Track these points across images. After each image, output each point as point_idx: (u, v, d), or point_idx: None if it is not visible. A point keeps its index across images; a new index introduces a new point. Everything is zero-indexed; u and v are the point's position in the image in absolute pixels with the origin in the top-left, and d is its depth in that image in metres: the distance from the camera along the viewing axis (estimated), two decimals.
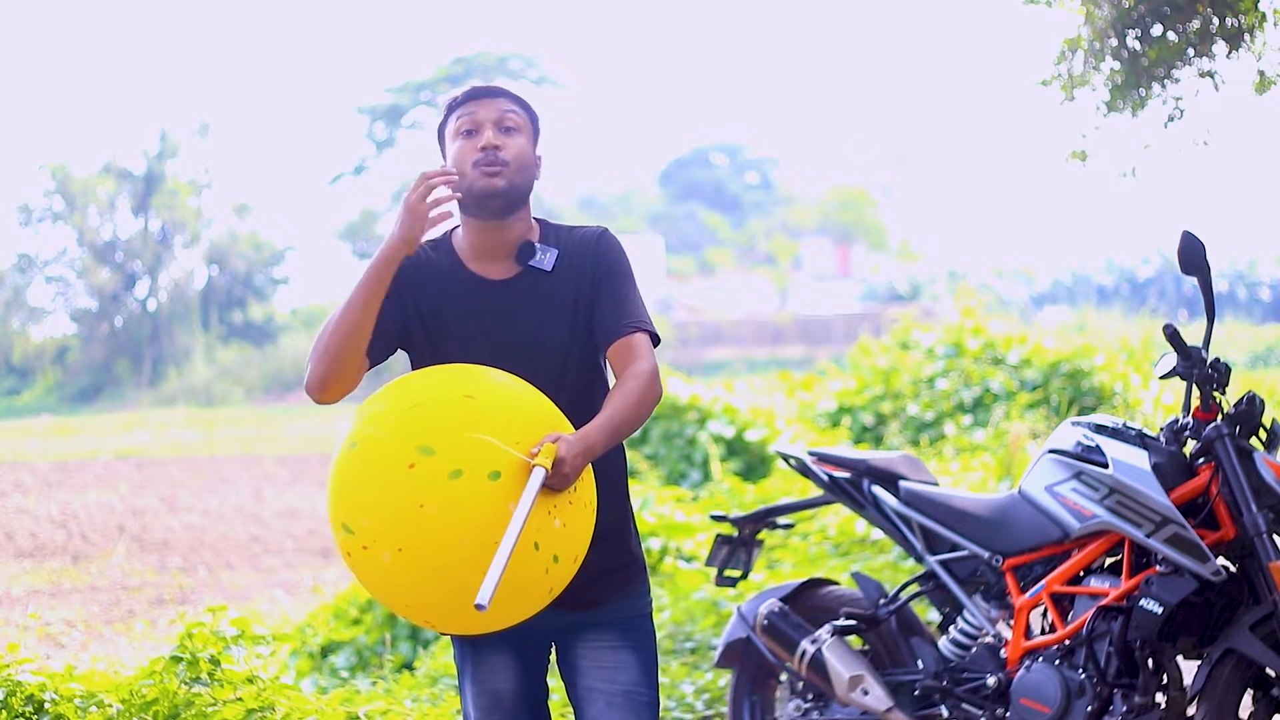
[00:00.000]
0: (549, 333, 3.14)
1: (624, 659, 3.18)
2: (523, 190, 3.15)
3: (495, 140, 3.12)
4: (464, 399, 2.88)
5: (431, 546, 2.78)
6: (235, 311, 47.36)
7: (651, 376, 3.06)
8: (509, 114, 3.16)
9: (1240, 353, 26.03)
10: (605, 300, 3.15)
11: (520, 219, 3.18)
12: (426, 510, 2.77)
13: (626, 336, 3.12)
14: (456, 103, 3.20)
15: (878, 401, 12.82)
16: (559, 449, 2.83)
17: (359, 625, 7.90)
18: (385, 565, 2.82)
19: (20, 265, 46.18)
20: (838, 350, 30.43)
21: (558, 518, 2.86)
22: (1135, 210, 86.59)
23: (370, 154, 48.56)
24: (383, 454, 2.83)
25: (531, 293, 3.16)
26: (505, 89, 3.22)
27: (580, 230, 3.23)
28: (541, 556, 2.84)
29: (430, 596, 2.85)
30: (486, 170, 3.10)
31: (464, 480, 2.78)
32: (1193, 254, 4.07)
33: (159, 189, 45.80)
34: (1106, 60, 6.61)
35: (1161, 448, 4.10)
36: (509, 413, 2.89)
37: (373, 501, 2.82)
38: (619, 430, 2.98)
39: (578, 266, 3.17)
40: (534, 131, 3.22)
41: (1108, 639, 4.09)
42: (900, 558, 7.24)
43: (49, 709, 4.40)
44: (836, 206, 52.08)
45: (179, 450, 24.30)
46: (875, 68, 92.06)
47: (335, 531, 2.90)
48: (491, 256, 3.18)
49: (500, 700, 3.21)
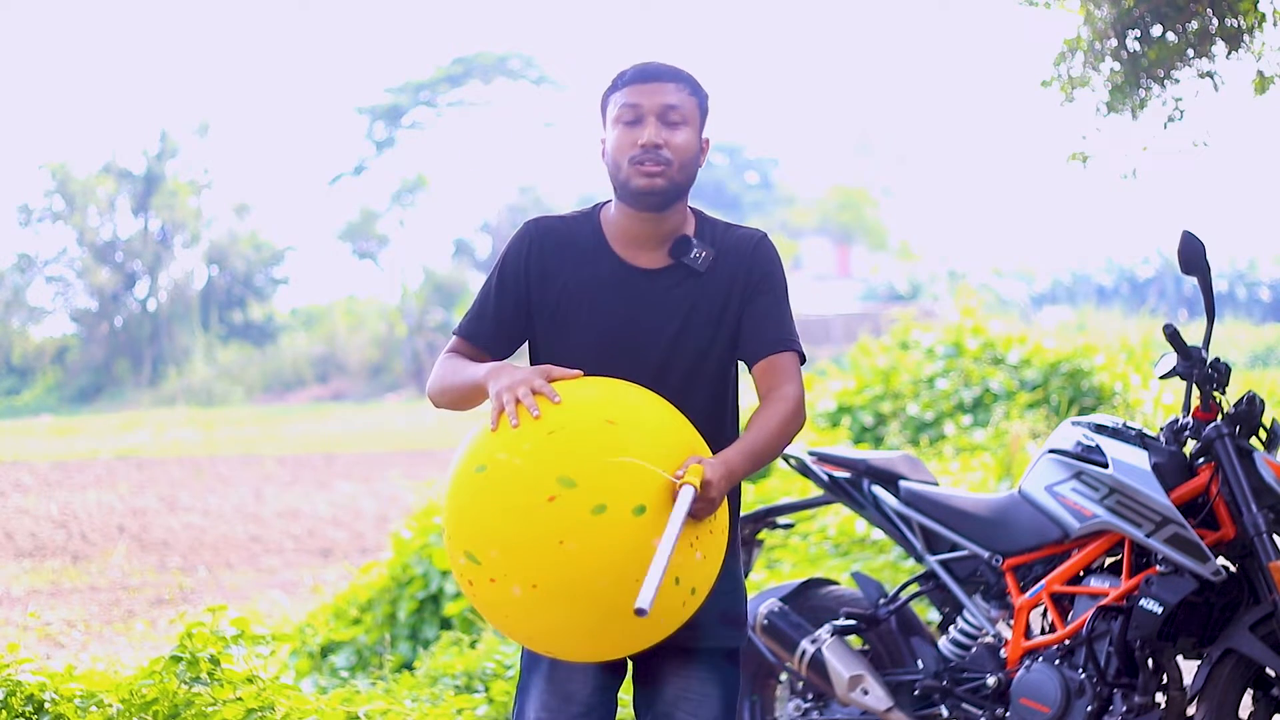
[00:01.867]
0: (691, 333, 2.99)
1: (710, 693, 3.06)
2: (683, 187, 3.00)
3: (657, 137, 2.96)
4: (605, 424, 2.71)
5: (569, 584, 2.64)
6: (235, 311, 47.38)
7: (798, 401, 2.94)
8: (674, 107, 2.98)
9: (1240, 353, 26.04)
10: (757, 312, 3.00)
11: (677, 211, 3.03)
12: (566, 547, 2.63)
13: (776, 355, 2.98)
14: (622, 81, 3.02)
15: (878, 401, 12.81)
16: (705, 471, 2.72)
17: (359, 625, 7.90)
18: (513, 599, 2.68)
19: (20, 265, 46.21)
20: (838, 350, 30.42)
21: (699, 550, 2.74)
22: (1135, 210, 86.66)
23: (370, 154, 48.57)
24: (519, 483, 2.66)
25: (680, 289, 3.01)
26: (676, 70, 3.03)
27: (739, 231, 3.08)
28: (681, 590, 2.73)
29: (559, 630, 2.73)
30: (645, 170, 2.95)
31: (607, 515, 2.63)
32: (1193, 254, 4.07)
33: (159, 189, 45.82)
34: (1106, 61, 6.60)
35: (1161, 448, 4.10)
36: (651, 438, 2.73)
37: (505, 534, 2.66)
38: (760, 456, 2.87)
39: (732, 270, 3.02)
40: (702, 117, 3.04)
41: (1108, 639, 4.09)
42: (900, 558, 7.24)
43: (49, 709, 4.40)
44: (836, 206, 52.10)
45: (179, 450, 24.31)
46: (875, 68, 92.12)
47: (454, 558, 2.75)
48: (642, 245, 3.03)
49: (571, 701, 3.04)
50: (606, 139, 3.03)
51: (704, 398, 3.01)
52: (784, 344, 3.00)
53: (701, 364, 3.01)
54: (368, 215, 46.70)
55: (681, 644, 3.00)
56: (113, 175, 46.05)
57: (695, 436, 2.84)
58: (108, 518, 15.75)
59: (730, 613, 3.07)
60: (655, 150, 2.96)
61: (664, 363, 2.98)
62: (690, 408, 2.94)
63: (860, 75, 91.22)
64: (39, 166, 46.37)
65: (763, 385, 2.99)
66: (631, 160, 2.97)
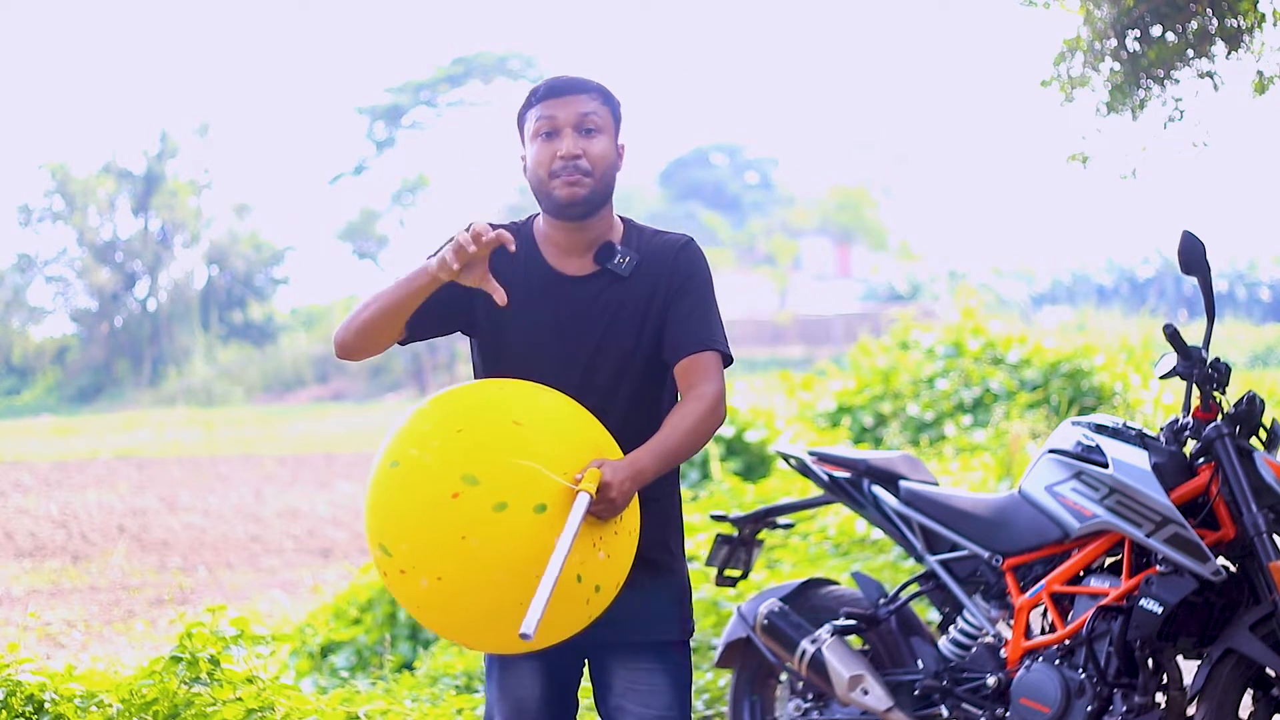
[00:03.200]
0: (616, 336, 3.06)
1: (659, 683, 3.13)
2: (604, 194, 3.07)
3: (575, 147, 3.02)
4: (511, 425, 2.79)
5: (472, 578, 2.73)
6: (235, 311, 47.38)
7: (714, 400, 2.98)
8: (589, 115, 3.05)
9: (1240, 353, 26.04)
10: (680, 314, 3.06)
11: (602, 218, 3.10)
12: (469, 542, 2.71)
13: (696, 354, 3.03)
14: (536, 97, 3.08)
15: (878, 401, 12.82)
16: (604, 474, 2.77)
17: (359, 625, 7.90)
18: (421, 590, 2.77)
19: (20, 265, 46.21)
20: (838, 350, 30.45)
21: (602, 550, 2.80)
22: (1135, 210, 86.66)
23: (370, 154, 48.56)
24: (426, 479, 2.75)
25: (605, 294, 3.08)
26: (586, 81, 3.09)
27: (664, 236, 3.14)
28: (584, 588, 2.79)
29: (467, 623, 2.81)
30: (566, 180, 3.02)
31: (508, 513, 2.71)
32: (1193, 254, 4.07)
33: (159, 189, 45.82)
34: (1106, 61, 6.61)
35: (1161, 448, 4.10)
36: (556, 439, 2.80)
37: (413, 527, 2.75)
38: (672, 455, 2.91)
39: (656, 274, 3.08)
40: (615, 124, 3.11)
41: (1108, 639, 4.09)
42: (900, 558, 7.24)
43: (49, 709, 4.40)
44: (836, 206, 52.06)
45: (179, 450, 24.31)
46: (875, 68, 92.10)
47: (372, 549, 2.85)
48: (569, 253, 3.11)
49: (523, 708, 3.16)
50: (526, 155, 3.11)
51: (631, 399, 3.07)
52: (704, 344, 3.05)
53: (627, 366, 3.07)
54: (368, 215, 46.69)
55: (627, 638, 3.10)
56: (113, 175, 46.05)
57: (604, 438, 2.90)
58: (108, 518, 15.75)
59: (673, 606, 3.15)
60: (574, 160, 3.03)
61: (590, 365, 3.06)
62: (617, 409, 3.02)
63: (860, 75, 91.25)
64: (39, 166, 46.41)
65: (682, 384, 3.05)
66: (552, 173, 3.04)
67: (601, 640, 3.08)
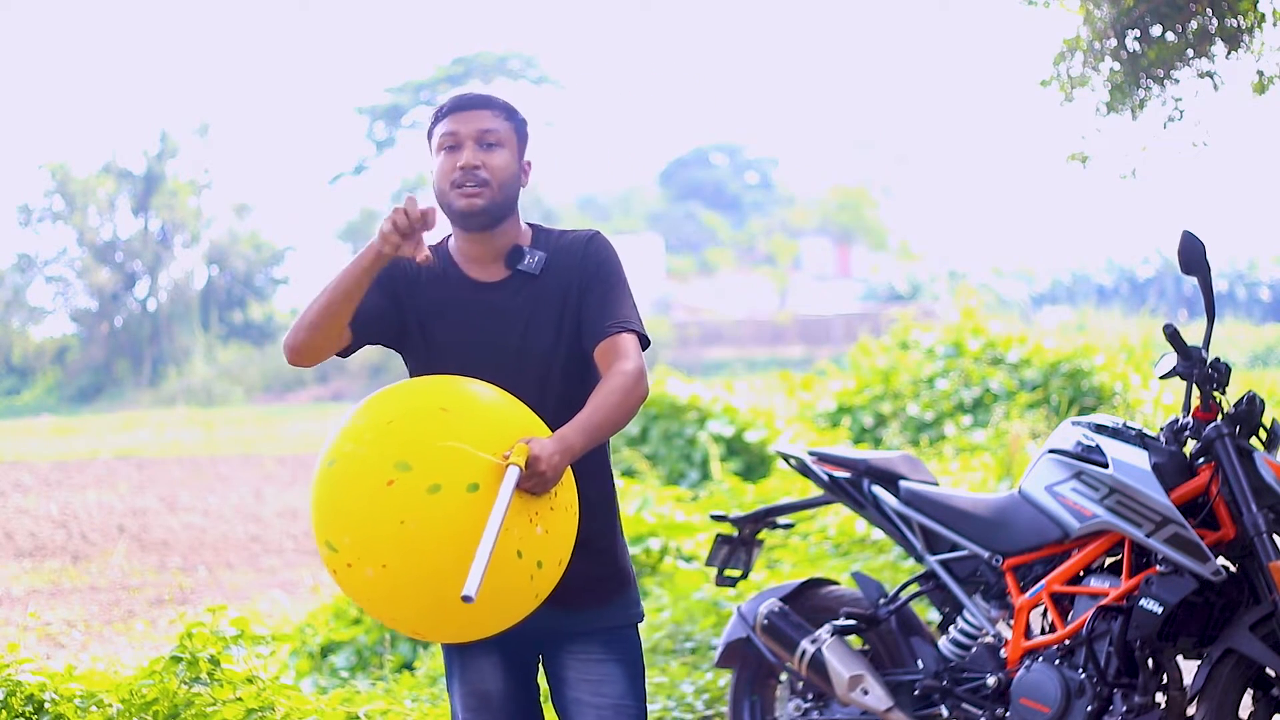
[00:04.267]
0: (536, 334, 3.15)
1: (611, 671, 3.19)
2: (504, 206, 3.16)
3: (474, 159, 3.13)
4: (438, 412, 2.88)
5: (413, 562, 2.79)
6: (235, 311, 47.37)
7: (635, 375, 3.05)
8: (490, 131, 3.15)
9: (1240, 353, 26.04)
10: (593, 302, 3.16)
11: (507, 229, 3.20)
12: (407, 527, 2.78)
13: (612, 337, 3.11)
14: (441, 113, 3.20)
15: (878, 401, 12.82)
16: (531, 449, 2.83)
17: (359, 625, 7.90)
18: (369, 581, 2.83)
19: (20, 265, 46.20)
20: (838, 350, 30.45)
21: (539, 525, 2.87)
22: (1135, 210, 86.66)
23: (370, 154, 48.62)
24: (361, 471, 2.84)
25: (520, 295, 3.17)
26: (490, 98, 3.21)
27: (571, 234, 3.24)
28: (525, 564, 2.85)
29: (415, 609, 2.86)
30: (465, 191, 3.12)
31: (442, 494, 2.78)
32: (1193, 254, 4.07)
33: (159, 189, 45.81)
34: (1106, 61, 6.61)
35: (1161, 448, 4.10)
36: (483, 422, 2.88)
37: (353, 519, 2.83)
38: (599, 429, 2.97)
39: (567, 269, 3.18)
40: (520, 140, 3.21)
41: (1108, 639, 4.10)
42: (900, 558, 7.24)
43: (49, 709, 4.40)
44: (836, 206, 52.10)
45: (179, 450, 24.31)
46: (875, 68, 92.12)
47: (320, 548, 2.91)
48: (481, 261, 3.21)
49: (488, 701, 3.22)
50: (433, 168, 3.19)
51: (562, 390, 3.15)
52: (618, 326, 3.13)
53: (551, 360, 3.16)
54: (368, 215, 46.71)
55: (573, 629, 3.17)
56: (113, 175, 46.04)
57: (532, 420, 2.97)
58: (108, 518, 15.75)
59: (615, 591, 3.21)
60: (473, 171, 3.13)
61: (518, 364, 3.13)
62: (549, 405, 3.08)
63: (860, 75, 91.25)
64: (39, 166, 46.37)
65: (602, 365, 3.11)
66: (453, 184, 3.14)
67: (552, 629, 3.15)
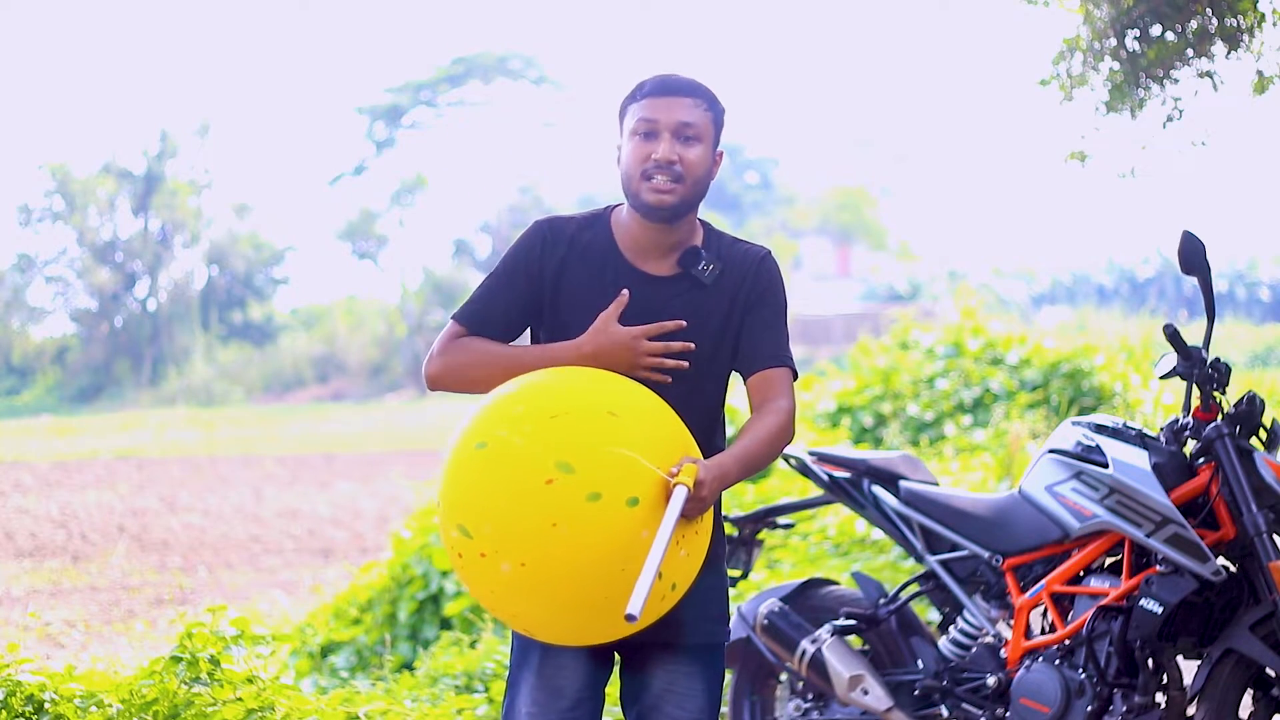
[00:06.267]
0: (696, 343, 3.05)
1: (695, 687, 3.12)
2: (693, 202, 3.05)
3: (671, 154, 3.00)
4: (607, 415, 2.77)
5: (558, 566, 2.70)
6: (235, 311, 47.37)
7: (790, 415, 3.02)
8: (690, 124, 3.02)
9: (1240, 353, 26.05)
10: (756, 327, 3.08)
11: (687, 222, 3.09)
12: (559, 530, 2.68)
13: (771, 369, 3.06)
14: (641, 93, 3.06)
15: (877, 401, 12.81)
16: (698, 471, 2.77)
17: (359, 625, 7.90)
18: (502, 576, 2.73)
19: (20, 265, 46.19)
20: (838, 350, 30.43)
21: (684, 548, 2.80)
22: (1135, 210, 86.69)
23: (370, 154, 48.55)
24: (518, 463, 2.72)
25: (684, 298, 3.07)
26: (696, 85, 3.07)
27: (744, 246, 3.14)
28: (663, 585, 2.78)
29: (546, 612, 2.79)
30: (656, 185, 3.00)
31: (601, 504, 2.69)
32: (1193, 254, 4.07)
33: (159, 189, 45.79)
34: (1105, 60, 6.61)
35: (1161, 448, 4.10)
36: (649, 434, 2.79)
37: (499, 510, 2.71)
38: (752, 463, 2.93)
39: (736, 285, 3.09)
40: (716, 131, 3.09)
41: (1108, 639, 4.09)
42: (900, 558, 7.24)
43: (49, 709, 4.40)
44: (836, 206, 52.08)
45: (179, 450, 24.31)
46: (875, 67, 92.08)
47: (446, 530, 2.80)
48: (650, 252, 3.10)
49: (560, 695, 3.10)
50: (622, 148, 3.08)
51: (703, 406, 3.08)
52: (779, 359, 3.08)
53: (705, 373, 3.07)
54: (367, 215, 46.67)
55: (668, 639, 3.07)
56: (113, 175, 46.02)
57: (689, 439, 2.91)
58: (108, 518, 15.75)
59: (716, 608, 3.15)
60: (669, 166, 3.01)
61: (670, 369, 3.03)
62: (689, 415, 2.99)
63: (860, 74, 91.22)
64: (39, 166, 46.34)
65: (756, 397, 3.06)
66: (644, 174, 3.02)
67: (641, 639, 3.01)
